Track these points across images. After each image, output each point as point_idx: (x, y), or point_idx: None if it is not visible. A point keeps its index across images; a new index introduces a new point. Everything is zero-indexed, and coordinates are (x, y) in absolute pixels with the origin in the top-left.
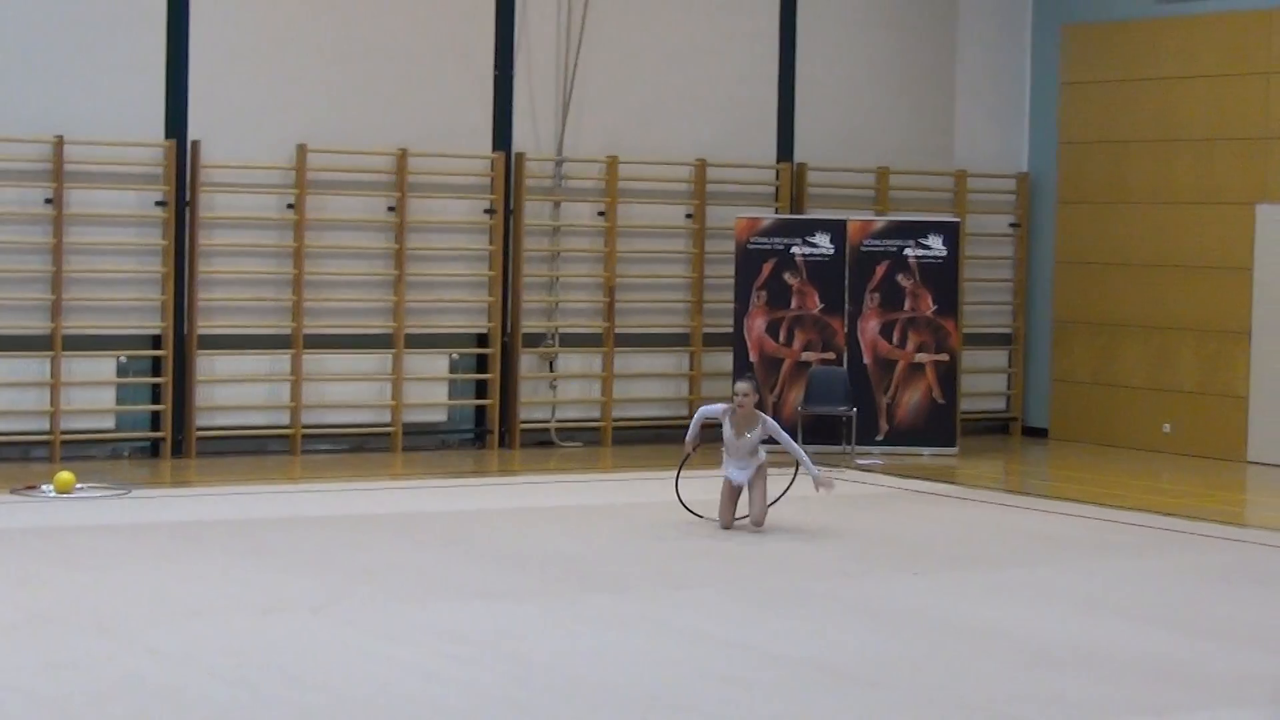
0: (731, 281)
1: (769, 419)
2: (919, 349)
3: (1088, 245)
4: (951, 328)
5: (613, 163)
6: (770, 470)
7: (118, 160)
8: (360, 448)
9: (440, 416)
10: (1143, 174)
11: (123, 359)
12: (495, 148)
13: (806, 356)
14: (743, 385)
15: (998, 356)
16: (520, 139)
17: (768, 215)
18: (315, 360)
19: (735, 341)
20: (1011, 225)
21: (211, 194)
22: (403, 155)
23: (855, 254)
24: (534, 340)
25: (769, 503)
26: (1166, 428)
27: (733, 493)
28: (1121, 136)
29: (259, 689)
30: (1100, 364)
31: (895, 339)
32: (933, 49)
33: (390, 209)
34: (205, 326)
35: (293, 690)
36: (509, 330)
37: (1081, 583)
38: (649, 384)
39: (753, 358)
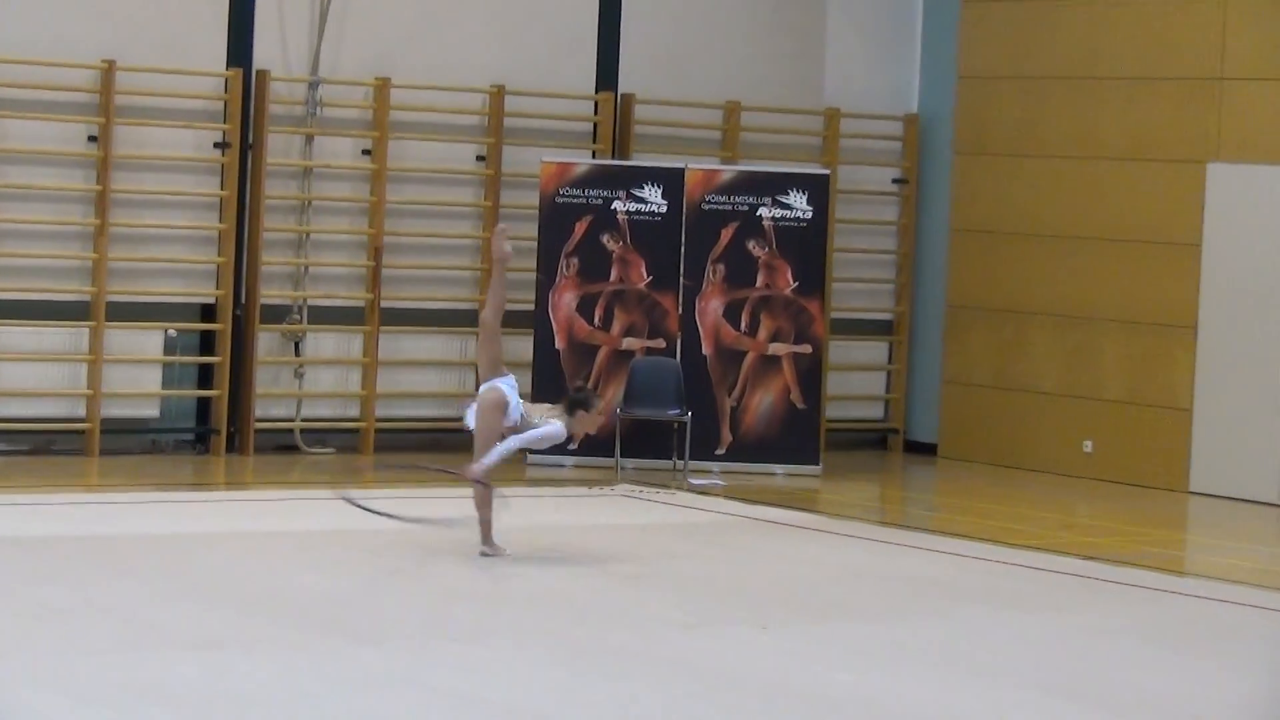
0: (534, 245)
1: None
2: (774, 337)
3: (991, 209)
4: (816, 311)
5: (383, 86)
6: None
7: None
8: (45, 449)
9: (151, 411)
10: (1061, 120)
11: None
12: (231, 64)
13: (629, 344)
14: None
15: (875, 350)
16: (264, 54)
17: (583, 160)
18: None
19: (537, 323)
20: (896, 181)
21: None
22: (109, 69)
23: (695, 213)
24: (276, 315)
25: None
26: (1087, 446)
27: None
28: (1036, 73)
29: None
30: (1004, 363)
31: (744, 324)
32: None
33: (92, 139)
34: None
35: None
36: (243, 301)
37: (966, 642)
38: (423, 374)
39: (559, 344)
